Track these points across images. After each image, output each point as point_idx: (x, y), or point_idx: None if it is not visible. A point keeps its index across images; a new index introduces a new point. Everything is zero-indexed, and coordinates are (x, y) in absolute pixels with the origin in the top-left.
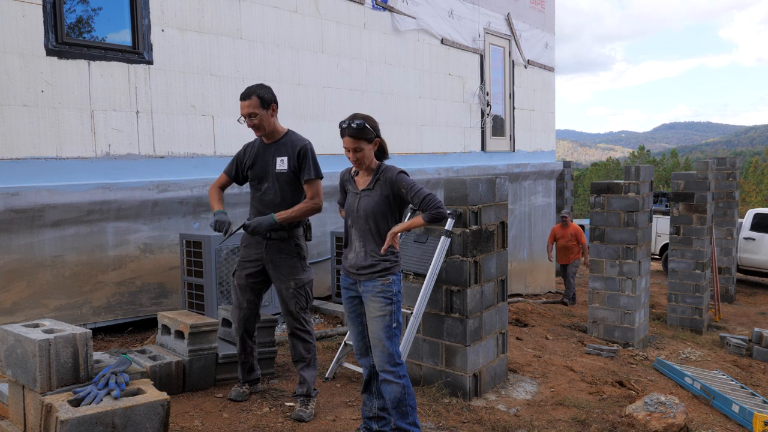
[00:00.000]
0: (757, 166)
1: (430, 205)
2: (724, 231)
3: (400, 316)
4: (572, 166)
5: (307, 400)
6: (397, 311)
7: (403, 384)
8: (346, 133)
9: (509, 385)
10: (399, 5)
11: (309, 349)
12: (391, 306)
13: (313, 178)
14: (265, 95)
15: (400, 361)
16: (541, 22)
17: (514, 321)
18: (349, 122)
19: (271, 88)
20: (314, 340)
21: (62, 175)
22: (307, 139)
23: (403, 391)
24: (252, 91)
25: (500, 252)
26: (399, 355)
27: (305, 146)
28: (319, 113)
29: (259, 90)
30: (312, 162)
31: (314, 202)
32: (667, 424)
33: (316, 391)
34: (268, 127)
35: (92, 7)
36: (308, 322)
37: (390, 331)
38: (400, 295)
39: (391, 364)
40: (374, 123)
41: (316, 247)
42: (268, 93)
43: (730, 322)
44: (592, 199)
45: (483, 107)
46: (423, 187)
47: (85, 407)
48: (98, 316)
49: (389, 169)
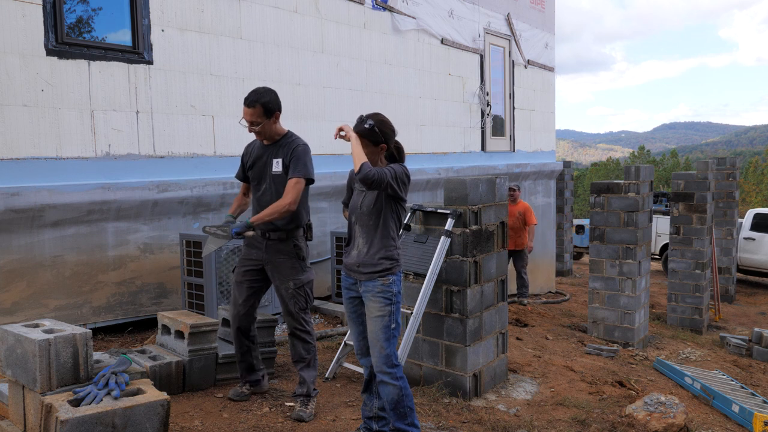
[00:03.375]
0: (757, 166)
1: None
2: (724, 231)
3: (399, 317)
4: (572, 166)
5: (307, 400)
6: (396, 312)
7: (400, 386)
8: (355, 129)
9: (509, 385)
10: (399, 5)
11: (309, 350)
12: (390, 306)
13: (297, 177)
14: (269, 104)
15: (397, 362)
16: (541, 22)
17: (514, 321)
18: (362, 119)
19: (276, 94)
20: (314, 340)
21: (62, 175)
22: (305, 142)
23: (400, 393)
24: (256, 99)
25: (500, 252)
26: (396, 356)
27: (299, 146)
28: (319, 113)
29: (264, 98)
30: (302, 161)
31: (285, 201)
32: (667, 424)
33: (316, 391)
34: (270, 134)
35: (92, 7)
36: (308, 322)
37: (388, 331)
38: (400, 296)
39: (388, 366)
40: (387, 128)
41: (316, 247)
42: (273, 102)
43: (730, 322)
44: (592, 199)
45: (483, 107)
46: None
47: (85, 407)
48: (98, 316)
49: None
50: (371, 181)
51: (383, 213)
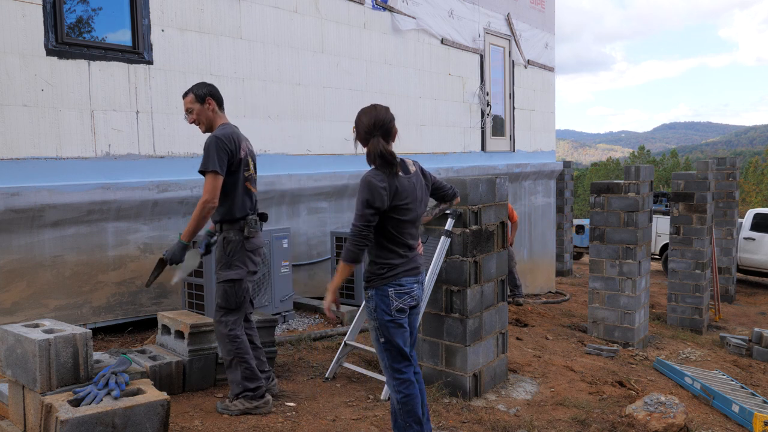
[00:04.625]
0: (757, 166)
1: (351, 233)
2: (724, 231)
3: (390, 333)
4: (572, 166)
5: (234, 397)
6: (383, 327)
7: (396, 398)
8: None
9: (509, 385)
10: (399, 5)
11: (228, 351)
12: (373, 321)
13: (207, 171)
14: (199, 91)
15: (399, 376)
16: (541, 22)
17: (514, 321)
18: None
19: (212, 85)
20: (233, 343)
21: (62, 175)
22: (223, 132)
23: (397, 404)
24: (189, 89)
25: (500, 252)
26: (397, 368)
27: (210, 137)
28: (319, 113)
29: (196, 87)
30: (207, 153)
31: (202, 200)
32: (667, 424)
33: (250, 393)
34: (207, 122)
35: (92, 7)
36: (222, 323)
37: (377, 345)
38: (382, 313)
39: (388, 376)
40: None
41: (316, 247)
42: (204, 88)
43: (730, 322)
44: (592, 199)
45: (483, 107)
46: (360, 205)
47: (85, 407)
48: (98, 316)
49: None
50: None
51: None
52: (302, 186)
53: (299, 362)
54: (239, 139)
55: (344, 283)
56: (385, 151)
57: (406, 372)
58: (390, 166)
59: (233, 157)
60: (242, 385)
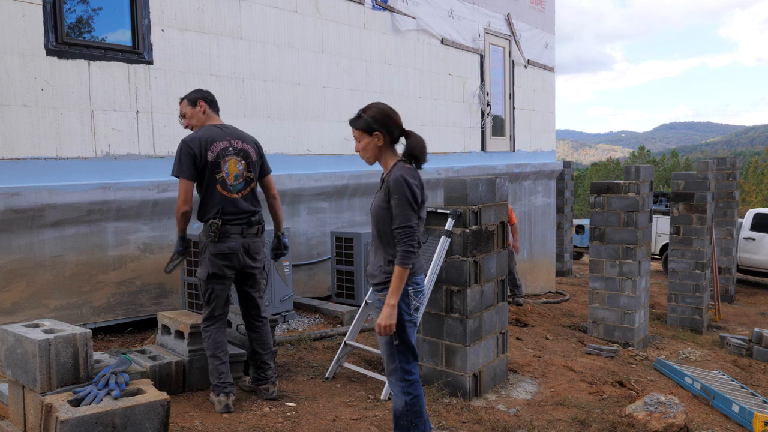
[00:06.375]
0: (757, 166)
1: (402, 239)
2: (724, 231)
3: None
4: (572, 166)
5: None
6: (400, 328)
7: (406, 401)
8: (350, 122)
9: (509, 385)
10: (399, 5)
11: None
12: None
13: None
14: (191, 95)
15: (409, 377)
16: (541, 22)
17: (514, 321)
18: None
19: (206, 91)
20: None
21: (62, 175)
22: (192, 134)
23: (405, 407)
24: (184, 96)
25: (500, 252)
26: (407, 370)
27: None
28: (319, 113)
29: (189, 93)
30: (175, 158)
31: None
32: (667, 424)
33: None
34: (199, 124)
35: (92, 7)
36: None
37: (390, 348)
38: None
39: (396, 378)
40: (374, 112)
41: (316, 247)
42: (196, 93)
43: (730, 322)
44: (592, 199)
45: (483, 107)
46: (406, 207)
47: (85, 407)
48: (98, 316)
49: (395, 170)
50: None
51: (382, 220)
52: (302, 186)
53: (299, 362)
54: (210, 141)
55: (344, 283)
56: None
57: (414, 373)
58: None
59: (198, 160)
60: (211, 377)
